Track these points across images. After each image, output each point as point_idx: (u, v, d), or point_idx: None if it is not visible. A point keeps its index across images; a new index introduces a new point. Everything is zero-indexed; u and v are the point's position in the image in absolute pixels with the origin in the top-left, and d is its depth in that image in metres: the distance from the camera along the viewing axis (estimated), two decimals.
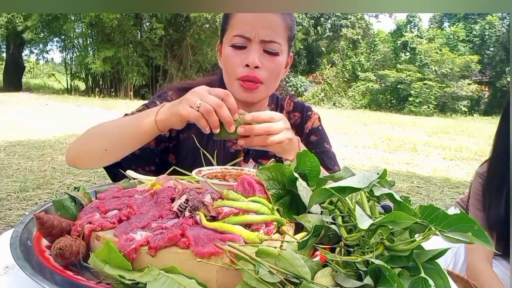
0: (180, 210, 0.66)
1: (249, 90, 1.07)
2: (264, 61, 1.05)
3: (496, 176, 1.37)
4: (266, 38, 1.04)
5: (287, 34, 1.09)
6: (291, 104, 1.28)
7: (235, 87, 1.08)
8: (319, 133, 1.25)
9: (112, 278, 0.53)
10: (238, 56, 1.05)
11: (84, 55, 15.81)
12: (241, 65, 1.05)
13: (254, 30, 1.03)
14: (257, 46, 1.05)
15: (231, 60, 1.06)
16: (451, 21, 24.13)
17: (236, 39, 1.05)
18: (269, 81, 1.08)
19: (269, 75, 1.07)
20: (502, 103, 1.40)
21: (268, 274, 0.51)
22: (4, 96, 12.54)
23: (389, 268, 0.49)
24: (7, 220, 2.82)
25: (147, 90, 16.11)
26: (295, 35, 1.19)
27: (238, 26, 1.05)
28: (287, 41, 1.10)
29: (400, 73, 18.73)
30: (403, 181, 4.65)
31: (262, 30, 1.03)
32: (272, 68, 1.07)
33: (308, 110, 1.27)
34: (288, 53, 1.14)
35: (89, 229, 0.62)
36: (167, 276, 0.52)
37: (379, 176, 0.64)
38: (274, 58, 1.07)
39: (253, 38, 1.04)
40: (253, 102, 1.13)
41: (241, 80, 1.06)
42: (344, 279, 0.52)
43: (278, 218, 0.65)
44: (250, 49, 1.04)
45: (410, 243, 0.53)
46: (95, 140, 0.99)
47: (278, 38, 1.06)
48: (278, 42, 1.06)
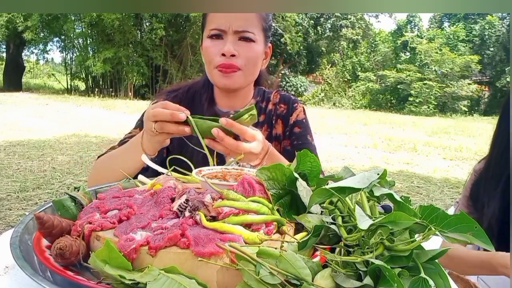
0: (180, 210, 0.66)
1: (226, 74, 1.13)
2: (240, 49, 1.12)
3: (492, 175, 1.37)
4: (239, 29, 1.12)
5: (261, 24, 1.16)
6: (278, 96, 1.33)
7: (215, 75, 1.15)
8: (303, 125, 1.29)
9: (112, 278, 0.53)
10: (215, 47, 1.13)
11: (84, 55, 15.81)
12: (218, 54, 1.12)
13: (228, 22, 1.11)
14: (232, 36, 1.12)
15: (209, 50, 1.14)
16: (451, 21, 24.13)
17: (212, 32, 1.13)
18: (246, 68, 1.15)
19: (246, 62, 1.14)
20: (502, 102, 1.40)
21: (268, 275, 0.50)
22: (4, 96, 12.54)
23: (389, 268, 0.49)
24: (7, 220, 2.82)
25: (147, 90, 16.11)
26: (271, 26, 1.25)
27: (213, 20, 1.14)
28: (262, 31, 1.17)
29: (400, 73, 18.73)
30: (403, 181, 4.66)
31: (235, 22, 1.11)
32: (249, 56, 1.14)
33: (294, 102, 1.32)
34: (265, 43, 1.20)
35: (89, 229, 0.62)
36: (167, 276, 0.52)
37: (379, 176, 0.64)
38: (250, 46, 1.14)
39: (227, 29, 1.11)
40: (233, 88, 1.18)
41: (219, 67, 1.13)
42: (343, 279, 0.52)
43: (278, 218, 0.65)
44: (226, 40, 1.12)
45: (410, 243, 0.53)
46: (106, 175, 1.07)
47: (252, 28, 1.13)
48: (251, 32, 1.13)
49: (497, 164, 1.35)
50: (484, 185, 1.38)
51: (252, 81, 1.25)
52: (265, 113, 1.29)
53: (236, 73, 1.14)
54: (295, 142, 1.26)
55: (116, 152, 1.11)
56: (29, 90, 16.66)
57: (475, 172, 1.45)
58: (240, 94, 1.25)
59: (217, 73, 1.14)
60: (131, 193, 0.78)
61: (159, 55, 15.50)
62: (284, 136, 1.28)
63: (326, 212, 0.68)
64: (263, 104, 1.30)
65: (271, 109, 1.30)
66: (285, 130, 1.28)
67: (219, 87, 1.21)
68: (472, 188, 1.43)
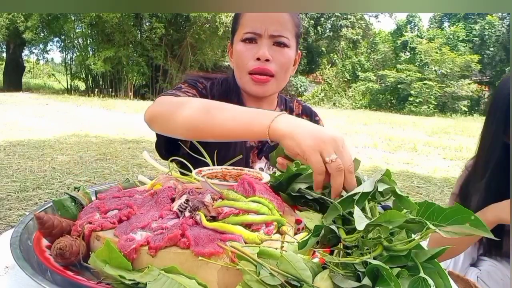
0: (180, 210, 0.66)
1: (260, 83, 1.10)
2: (274, 54, 1.09)
3: (478, 172, 1.39)
4: (275, 33, 1.09)
5: (295, 30, 1.14)
6: (300, 107, 1.33)
7: (246, 81, 1.11)
8: None
9: (112, 278, 0.53)
10: (249, 51, 1.09)
11: (84, 55, 15.80)
12: (252, 58, 1.09)
13: (264, 25, 1.08)
14: (267, 40, 1.09)
15: (243, 54, 1.10)
16: (451, 21, 24.11)
17: (247, 35, 1.09)
18: (279, 74, 1.12)
19: (280, 68, 1.11)
20: (488, 101, 1.41)
21: (269, 276, 0.51)
22: (4, 96, 12.54)
23: (386, 267, 0.49)
24: (7, 220, 2.82)
25: (147, 90, 16.11)
26: (302, 34, 1.23)
27: (248, 23, 1.10)
28: (295, 37, 1.14)
29: (400, 73, 18.72)
30: (403, 181, 4.66)
31: (271, 26, 1.08)
32: (283, 62, 1.11)
33: (315, 116, 1.34)
34: (296, 49, 1.18)
35: (89, 229, 0.62)
36: (167, 276, 0.52)
37: (383, 174, 0.64)
38: (284, 51, 1.11)
39: (263, 33, 1.08)
40: (264, 96, 1.16)
41: (253, 73, 1.09)
42: (341, 280, 0.52)
43: (278, 218, 0.65)
44: (261, 44, 1.09)
45: (408, 243, 0.53)
46: (198, 117, 0.86)
47: (287, 33, 1.10)
48: (286, 37, 1.10)
49: (483, 161, 1.37)
50: (472, 183, 1.39)
51: (282, 88, 1.20)
52: None
53: (269, 82, 1.10)
54: None
55: (226, 110, 0.85)
56: (29, 90, 16.66)
57: (466, 169, 1.46)
58: (268, 99, 1.21)
59: (249, 80, 1.10)
60: (131, 193, 0.78)
61: (159, 55, 15.49)
62: None
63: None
64: (287, 112, 1.25)
65: None
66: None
67: (250, 94, 1.15)
68: (462, 186, 1.44)
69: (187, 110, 0.88)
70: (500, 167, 1.31)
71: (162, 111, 0.94)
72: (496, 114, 1.31)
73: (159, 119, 0.94)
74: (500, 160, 1.31)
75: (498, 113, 1.30)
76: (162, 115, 0.93)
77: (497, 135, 1.31)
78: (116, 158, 4.73)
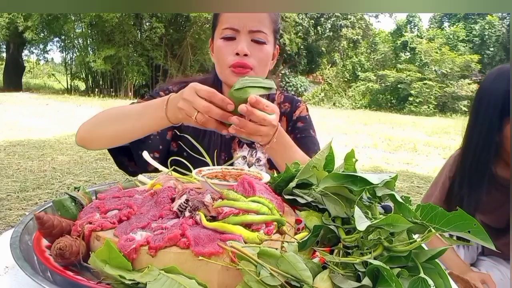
0: (180, 210, 0.66)
1: (239, 75, 1.14)
2: (253, 50, 1.14)
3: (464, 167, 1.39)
4: (254, 28, 1.13)
5: (273, 26, 1.19)
6: (282, 96, 1.37)
7: (227, 74, 1.16)
8: (306, 121, 1.33)
9: (112, 278, 0.53)
10: (229, 47, 1.14)
11: (84, 55, 15.80)
12: (232, 54, 1.13)
13: (242, 21, 1.13)
14: (246, 36, 1.13)
15: (222, 50, 1.15)
16: (451, 21, 24.12)
17: (226, 31, 1.14)
18: (258, 68, 1.17)
19: (258, 63, 1.16)
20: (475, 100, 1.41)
21: (269, 277, 0.50)
22: (4, 96, 12.54)
23: (387, 268, 0.49)
24: (7, 220, 2.82)
25: (147, 90, 16.11)
26: (280, 29, 1.27)
27: (227, 20, 1.15)
28: (272, 33, 1.19)
29: (400, 73, 18.72)
30: (403, 181, 4.66)
31: (249, 22, 1.13)
32: (261, 57, 1.16)
33: (298, 102, 1.36)
34: (274, 44, 1.23)
35: (89, 229, 0.62)
36: (167, 276, 0.52)
37: (391, 178, 0.64)
38: (262, 47, 1.16)
39: (241, 29, 1.13)
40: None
41: (232, 67, 1.14)
42: (341, 280, 0.51)
43: (278, 218, 0.65)
44: (239, 40, 1.13)
45: (409, 244, 0.53)
46: (107, 126, 1.05)
47: (265, 29, 1.15)
48: (264, 32, 1.15)
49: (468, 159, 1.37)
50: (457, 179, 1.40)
51: None
52: None
53: (248, 73, 1.16)
54: (298, 135, 1.29)
55: (129, 107, 1.06)
56: (29, 90, 16.67)
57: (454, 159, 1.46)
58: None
59: (230, 73, 1.16)
60: (131, 193, 0.78)
61: (159, 55, 15.49)
62: (288, 131, 1.31)
63: (326, 215, 0.68)
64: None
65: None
66: (288, 125, 1.32)
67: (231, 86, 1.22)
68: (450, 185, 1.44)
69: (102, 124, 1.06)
70: (483, 165, 1.32)
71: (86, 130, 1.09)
72: (487, 112, 1.31)
73: (87, 140, 1.09)
74: (483, 157, 1.32)
75: (489, 110, 1.30)
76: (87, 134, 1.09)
77: (488, 133, 1.31)
78: None
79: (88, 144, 1.09)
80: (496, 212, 1.37)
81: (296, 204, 0.77)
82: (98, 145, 1.09)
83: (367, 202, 0.68)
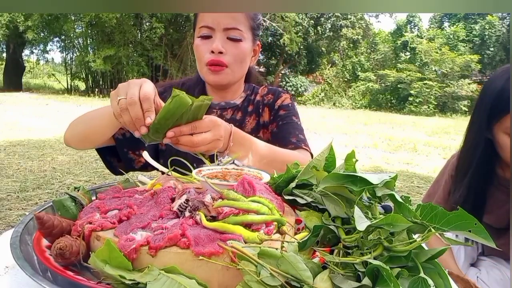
0: (180, 210, 0.66)
1: (215, 72, 1.19)
2: (228, 47, 1.17)
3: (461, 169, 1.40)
4: (228, 26, 1.16)
5: (249, 23, 1.21)
6: (265, 89, 1.39)
7: (205, 71, 1.20)
8: (288, 108, 1.34)
9: (112, 278, 0.53)
10: (205, 45, 1.18)
11: (84, 55, 15.80)
12: (208, 52, 1.17)
13: (216, 20, 1.16)
14: (221, 34, 1.17)
15: (199, 49, 1.19)
16: (451, 21, 24.11)
17: (202, 30, 1.18)
18: (234, 65, 1.20)
19: (234, 60, 1.19)
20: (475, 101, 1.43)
21: (269, 277, 0.50)
22: (4, 96, 12.54)
23: (386, 268, 0.49)
24: (7, 220, 2.82)
25: None
26: (260, 25, 1.29)
27: (203, 19, 1.19)
28: (250, 29, 1.22)
29: (400, 73, 18.70)
30: (403, 181, 4.66)
31: (223, 20, 1.16)
32: (236, 54, 1.19)
33: (281, 92, 1.38)
34: (253, 41, 1.25)
35: (89, 229, 0.62)
36: (167, 276, 0.52)
37: (391, 178, 0.64)
38: (237, 45, 1.18)
39: (216, 27, 1.16)
40: (221, 84, 1.24)
41: (208, 65, 1.18)
42: (341, 280, 0.51)
43: (278, 218, 0.65)
44: (215, 38, 1.17)
45: (409, 244, 0.53)
46: (78, 127, 1.09)
47: (240, 26, 1.18)
48: (240, 29, 1.18)
49: (466, 158, 1.38)
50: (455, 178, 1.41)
51: (241, 77, 1.30)
52: (253, 104, 1.34)
53: (224, 70, 1.19)
54: (280, 123, 1.30)
55: (101, 109, 1.05)
56: (29, 90, 16.66)
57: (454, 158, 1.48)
58: (231, 89, 1.31)
59: (207, 71, 1.20)
60: (131, 193, 0.78)
61: (159, 55, 15.49)
62: (270, 121, 1.32)
63: (326, 215, 0.68)
64: (252, 96, 1.36)
65: (259, 100, 1.35)
66: (271, 114, 1.33)
67: (209, 83, 1.27)
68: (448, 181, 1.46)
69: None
70: (482, 164, 1.33)
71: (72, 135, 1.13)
72: (480, 111, 1.32)
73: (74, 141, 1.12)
74: (482, 157, 1.33)
75: (482, 109, 1.31)
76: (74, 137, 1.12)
77: (480, 132, 1.31)
78: None
79: (71, 144, 1.12)
80: (497, 212, 1.37)
81: (296, 204, 0.77)
82: (77, 146, 1.12)
83: (367, 202, 0.68)
